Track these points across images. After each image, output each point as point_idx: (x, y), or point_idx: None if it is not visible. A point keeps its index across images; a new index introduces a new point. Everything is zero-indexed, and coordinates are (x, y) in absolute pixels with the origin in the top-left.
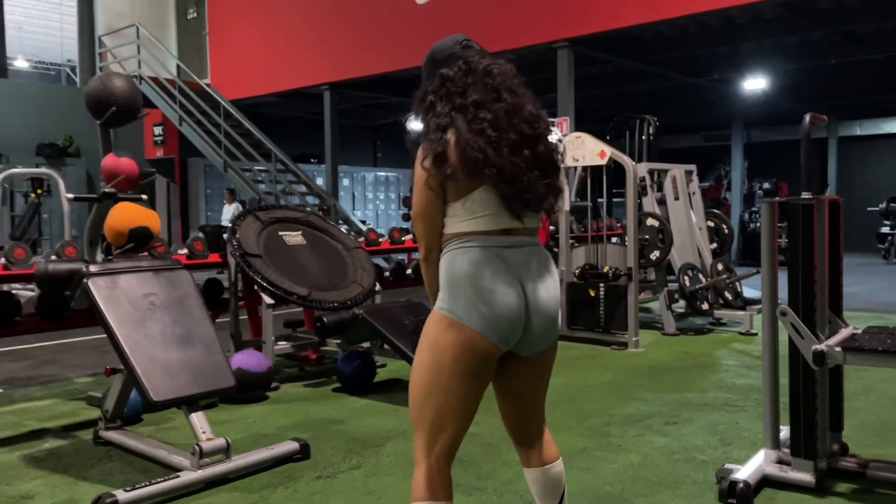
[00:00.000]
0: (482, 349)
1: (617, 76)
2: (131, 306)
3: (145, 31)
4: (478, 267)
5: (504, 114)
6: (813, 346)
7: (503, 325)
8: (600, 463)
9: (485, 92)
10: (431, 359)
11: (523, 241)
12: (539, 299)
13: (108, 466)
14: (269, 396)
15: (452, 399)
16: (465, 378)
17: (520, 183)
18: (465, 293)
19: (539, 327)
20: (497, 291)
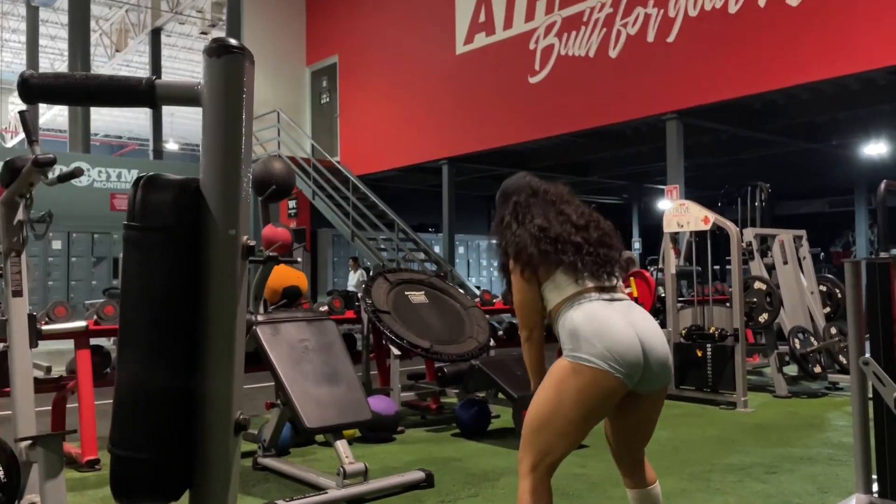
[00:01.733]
0: (608, 386)
1: (732, 143)
2: (290, 349)
3: (285, 116)
4: (592, 313)
5: (559, 215)
6: (894, 392)
7: (625, 360)
8: (697, 502)
9: (545, 205)
10: (556, 397)
11: (618, 295)
12: (652, 339)
13: (267, 486)
14: (396, 438)
15: (568, 431)
16: (585, 414)
17: (581, 256)
18: (585, 336)
19: (655, 364)
20: (614, 329)
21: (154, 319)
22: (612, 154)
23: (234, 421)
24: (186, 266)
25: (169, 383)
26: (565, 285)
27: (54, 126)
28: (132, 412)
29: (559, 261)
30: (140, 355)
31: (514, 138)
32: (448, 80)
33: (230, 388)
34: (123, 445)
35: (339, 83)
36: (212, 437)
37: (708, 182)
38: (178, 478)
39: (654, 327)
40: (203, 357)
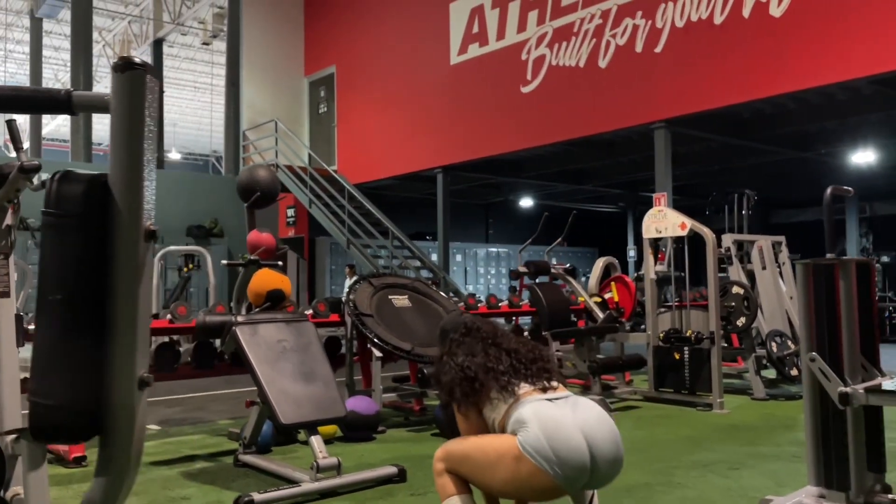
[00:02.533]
0: (544, 485)
1: (723, 152)
2: (268, 349)
3: (282, 126)
4: (539, 409)
5: (491, 347)
6: (839, 388)
7: (570, 465)
8: (657, 495)
9: (476, 343)
10: (492, 460)
11: (560, 394)
12: (600, 439)
13: (247, 480)
14: (376, 437)
15: (484, 485)
16: (507, 492)
17: (516, 372)
18: (534, 431)
19: (604, 465)
20: (561, 430)
21: (67, 290)
22: (605, 163)
23: (137, 378)
24: (95, 246)
25: (79, 345)
26: (503, 402)
27: (58, 136)
28: (48, 367)
29: (489, 388)
30: (55, 320)
31: (507, 147)
32: (443, 89)
33: (134, 349)
34: (39, 394)
35: (336, 93)
36: (118, 392)
37: (701, 190)
38: (85, 424)
39: (602, 423)
40: (111, 322)
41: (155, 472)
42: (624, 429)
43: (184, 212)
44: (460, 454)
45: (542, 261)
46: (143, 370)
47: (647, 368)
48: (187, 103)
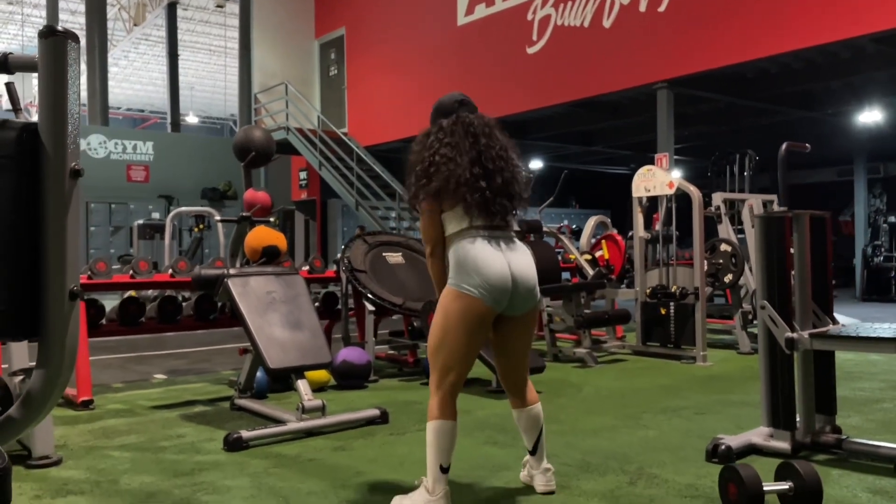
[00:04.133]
0: (480, 311)
1: (730, 112)
2: (257, 300)
3: (293, 89)
4: (475, 249)
5: (476, 155)
6: (786, 333)
7: (496, 291)
8: (621, 435)
9: (465, 138)
10: (443, 320)
11: (502, 233)
12: (521, 271)
13: (240, 422)
14: (367, 386)
15: (457, 348)
16: (467, 333)
17: (480, 200)
18: (466, 269)
19: (523, 291)
20: (489, 263)
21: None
22: (613, 124)
23: (68, 290)
24: (27, 181)
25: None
26: (460, 219)
27: None
28: None
29: (458, 199)
30: None
31: (513, 108)
32: (450, 51)
33: (64, 266)
34: None
35: (346, 55)
36: (52, 300)
37: (709, 151)
38: (25, 324)
39: (526, 262)
40: (44, 245)
41: (156, 415)
42: (606, 379)
43: (198, 175)
44: (435, 342)
45: (535, 220)
46: (73, 284)
47: (635, 323)
48: (203, 66)
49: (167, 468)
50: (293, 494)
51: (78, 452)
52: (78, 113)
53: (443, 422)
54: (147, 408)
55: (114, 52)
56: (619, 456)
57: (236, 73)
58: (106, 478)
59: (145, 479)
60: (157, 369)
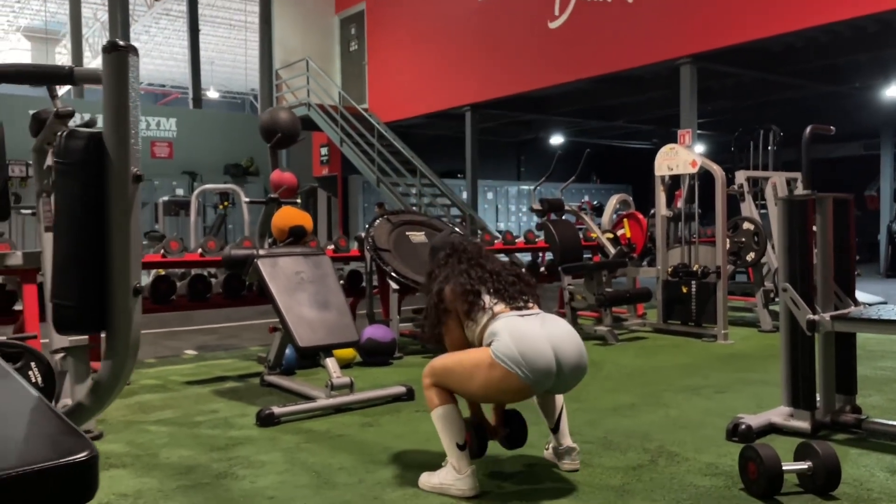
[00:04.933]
0: (515, 387)
1: (756, 87)
2: (286, 280)
3: (314, 65)
4: (510, 322)
5: (476, 268)
6: (807, 315)
7: (536, 368)
8: (642, 413)
9: (463, 261)
10: (469, 370)
11: (532, 311)
12: (565, 347)
13: (270, 398)
14: (392, 363)
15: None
16: (486, 396)
17: (496, 291)
18: (504, 339)
19: (569, 371)
20: (529, 338)
21: (76, 217)
22: (636, 99)
23: (132, 287)
24: (94, 185)
25: (86, 258)
26: (483, 317)
27: None
28: (63, 276)
29: (474, 304)
30: (67, 241)
31: (535, 84)
32: (471, 26)
33: (128, 265)
34: (58, 296)
35: (366, 31)
36: (118, 297)
37: (733, 125)
38: (95, 319)
39: (568, 335)
40: (110, 245)
41: (189, 391)
42: (626, 357)
43: (220, 151)
44: (443, 368)
45: (556, 198)
46: (136, 281)
47: (656, 301)
48: (223, 41)
49: (203, 442)
50: (324, 469)
51: (117, 427)
52: (138, 121)
53: (444, 407)
54: (180, 383)
55: (135, 28)
56: (641, 434)
57: (257, 47)
58: (145, 451)
59: (183, 452)
60: (187, 345)
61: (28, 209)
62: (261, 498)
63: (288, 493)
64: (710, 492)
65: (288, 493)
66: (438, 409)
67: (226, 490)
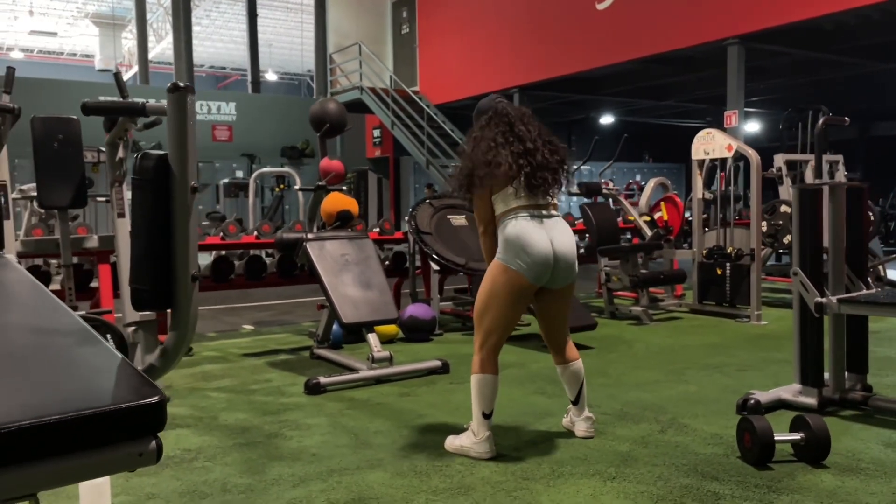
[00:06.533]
0: (523, 284)
1: (810, 65)
2: (332, 261)
3: (366, 49)
4: (520, 228)
5: (514, 138)
6: (815, 298)
7: (538, 267)
8: (662, 388)
9: (505, 127)
10: (490, 290)
11: (547, 213)
12: (563, 249)
13: (318, 370)
14: (433, 339)
15: (500, 315)
16: (510, 303)
17: (523, 179)
18: (512, 247)
19: (563, 266)
20: (532, 242)
21: (149, 219)
22: (687, 78)
23: (191, 274)
24: (163, 197)
25: (156, 253)
26: (507, 199)
27: (164, 59)
28: (139, 267)
29: (504, 180)
30: (141, 239)
31: (583, 65)
32: (520, 8)
33: (188, 258)
34: (135, 281)
35: (417, 13)
36: (179, 282)
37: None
38: (163, 300)
39: (567, 239)
40: (173, 242)
41: (246, 362)
42: (657, 336)
43: (278, 133)
44: (477, 311)
45: (594, 182)
46: (194, 270)
47: (692, 283)
48: (281, 23)
49: (257, 407)
50: (362, 432)
51: (182, 393)
52: (195, 144)
53: (485, 376)
54: (238, 355)
55: (196, 12)
56: (656, 407)
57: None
58: (207, 414)
59: (239, 415)
60: (245, 320)
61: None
62: (305, 454)
63: (329, 451)
64: (709, 459)
65: (329, 451)
66: (479, 375)
67: (275, 448)
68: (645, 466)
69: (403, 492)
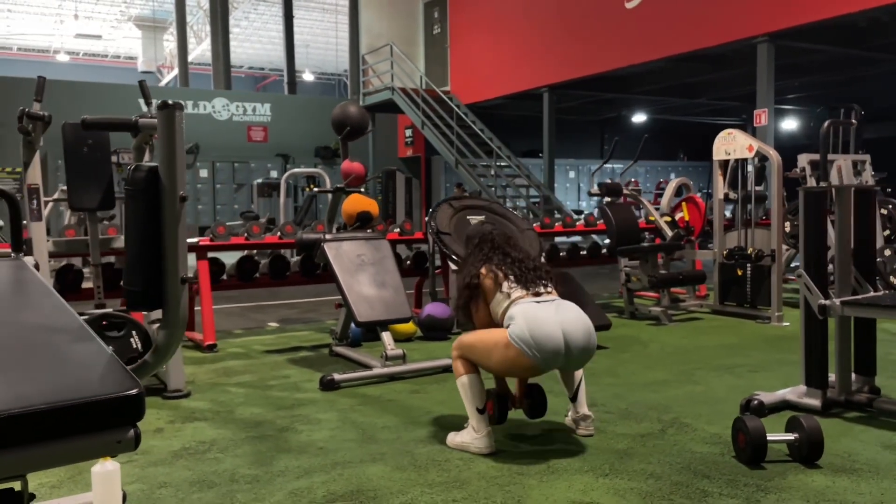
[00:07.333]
0: (527, 364)
1: (843, 62)
2: (349, 261)
3: (397, 50)
4: (526, 309)
5: (502, 254)
6: (819, 300)
7: (545, 350)
8: (669, 389)
9: (489, 246)
10: (489, 348)
11: (547, 298)
12: (575, 331)
13: (336, 366)
14: (450, 338)
15: (488, 367)
16: (504, 371)
17: (517, 276)
18: (519, 324)
19: (576, 352)
20: (540, 322)
21: (140, 226)
22: (719, 76)
23: (180, 277)
24: (153, 204)
25: (147, 258)
26: (506, 297)
27: (204, 60)
28: (132, 269)
29: (495, 287)
30: (134, 245)
31: (613, 64)
32: (550, 7)
33: (177, 261)
34: (128, 283)
35: (448, 14)
36: (170, 283)
37: (821, 100)
38: (154, 301)
39: (579, 320)
40: (164, 247)
41: (267, 358)
42: (674, 337)
43: (311, 134)
44: (468, 344)
45: (615, 182)
46: (183, 273)
47: (713, 283)
48: (317, 24)
49: (273, 402)
50: (370, 427)
51: (203, 387)
52: (183, 157)
53: (468, 376)
54: (260, 352)
55: (235, 14)
56: (661, 407)
57: (347, 30)
58: (224, 408)
59: (255, 410)
60: (271, 317)
61: None
62: (313, 448)
63: (335, 445)
64: (704, 457)
65: (336, 445)
66: (463, 377)
67: (285, 441)
68: (640, 464)
69: (400, 484)
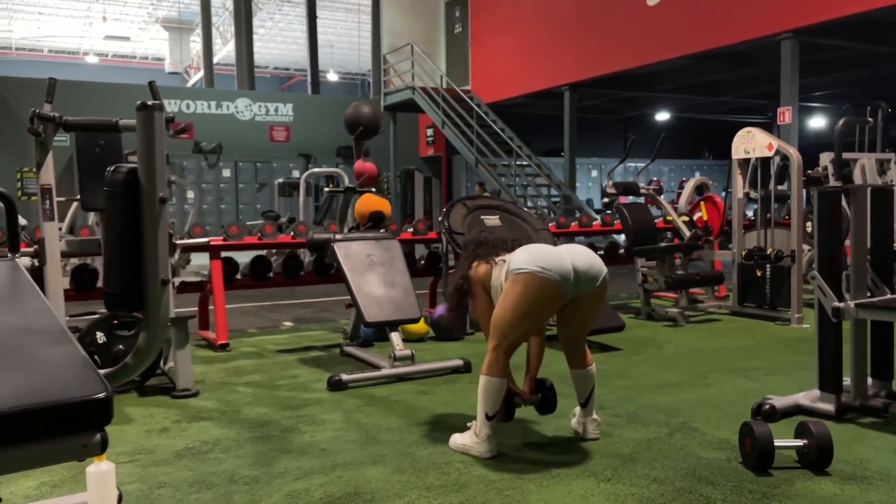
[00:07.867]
0: (544, 287)
1: (871, 59)
2: (358, 262)
3: (418, 49)
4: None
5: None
6: (833, 303)
7: (556, 267)
8: (680, 392)
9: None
10: (521, 294)
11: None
12: (577, 254)
13: (345, 367)
14: (463, 339)
15: (525, 320)
16: (539, 310)
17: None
18: (520, 257)
19: (584, 269)
20: (542, 248)
21: (118, 229)
22: (745, 73)
23: (160, 279)
24: (132, 205)
25: (125, 259)
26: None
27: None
28: (110, 271)
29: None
30: (112, 246)
31: (634, 62)
32: (571, 5)
33: (157, 263)
34: (108, 285)
35: (470, 13)
36: (150, 286)
37: (848, 97)
38: (135, 302)
39: (580, 247)
40: (144, 248)
41: (279, 358)
42: (690, 339)
43: (333, 134)
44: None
45: (631, 182)
46: (163, 275)
47: (732, 284)
48: (341, 24)
49: (279, 402)
50: (374, 429)
51: (212, 387)
52: (163, 158)
53: (493, 378)
54: (272, 351)
55: (259, 15)
56: (670, 410)
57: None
58: (231, 408)
59: (261, 410)
60: (285, 317)
61: None
62: (314, 449)
63: (338, 446)
64: (710, 463)
65: (338, 446)
66: (488, 378)
67: (288, 441)
68: (643, 469)
69: (399, 487)
